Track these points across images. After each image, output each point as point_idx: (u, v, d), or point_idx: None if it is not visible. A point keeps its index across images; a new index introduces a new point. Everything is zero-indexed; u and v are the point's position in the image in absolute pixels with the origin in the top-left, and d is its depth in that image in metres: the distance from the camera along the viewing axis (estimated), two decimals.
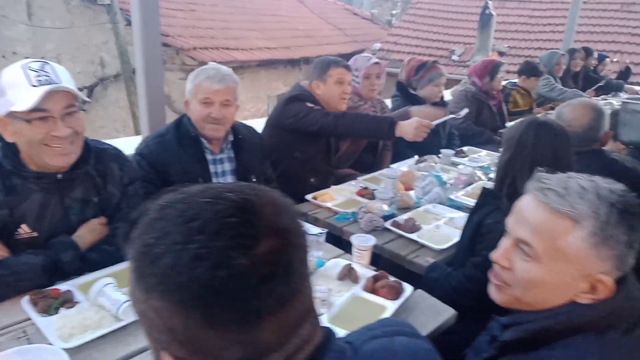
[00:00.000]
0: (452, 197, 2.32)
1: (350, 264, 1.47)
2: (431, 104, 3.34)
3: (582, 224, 0.83)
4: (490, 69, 3.73)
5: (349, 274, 1.44)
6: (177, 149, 1.87)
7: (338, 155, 2.94)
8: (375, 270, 1.57)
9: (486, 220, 1.55)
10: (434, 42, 10.98)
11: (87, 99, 1.29)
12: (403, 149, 3.23)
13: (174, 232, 0.51)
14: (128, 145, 2.10)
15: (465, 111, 2.86)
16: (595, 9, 10.86)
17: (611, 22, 10.45)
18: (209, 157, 1.98)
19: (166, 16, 7.54)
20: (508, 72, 8.47)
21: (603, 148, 1.94)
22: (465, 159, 3.01)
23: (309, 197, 2.29)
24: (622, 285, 0.86)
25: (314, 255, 1.49)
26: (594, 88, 5.17)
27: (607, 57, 6.02)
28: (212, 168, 1.98)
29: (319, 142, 2.61)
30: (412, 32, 11.44)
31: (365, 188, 2.36)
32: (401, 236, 1.94)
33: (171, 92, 7.78)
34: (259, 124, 2.78)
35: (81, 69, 8.07)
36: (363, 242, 1.54)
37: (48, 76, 1.21)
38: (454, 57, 10.26)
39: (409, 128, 2.32)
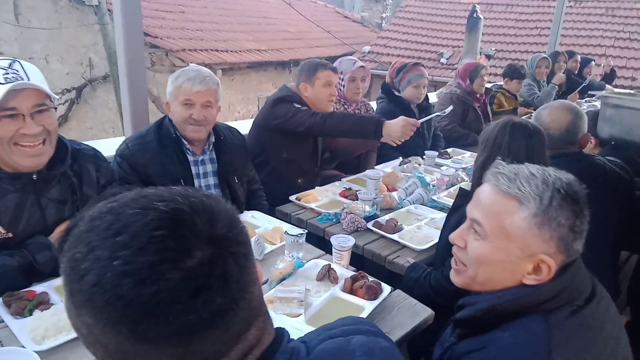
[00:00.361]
0: (435, 198, 2.35)
1: (329, 265, 1.48)
2: (416, 106, 3.38)
3: (526, 205, 0.89)
4: (470, 72, 3.75)
5: (327, 275, 1.45)
6: (158, 150, 1.86)
7: (334, 152, 2.95)
8: (355, 271, 1.58)
9: (463, 221, 1.57)
10: (423, 45, 11.08)
11: (56, 97, 1.27)
12: (388, 150, 3.25)
13: (99, 247, 0.49)
14: (114, 146, 2.10)
15: (449, 108, 2.88)
16: (580, 13, 11.04)
17: (596, 26, 10.62)
18: (190, 158, 1.97)
19: (155, 17, 7.52)
20: (495, 75, 8.57)
21: (582, 151, 1.97)
22: (449, 160, 3.04)
23: (292, 198, 2.30)
24: (568, 268, 0.91)
25: (293, 256, 1.50)
26: (577, 90, 5.23)
27: (593, 60, 6.09)
28: (194, 169, 1.98)
29: (306, 143, 2.63)
30: (402, 35, 11.53)
31: (349, 189, 2.38)
32: (383, 237, 1.96)
33: (160, 93, 7.74)
34: (248, 125, 2.80)
35: (70, 69, 8.01)
36: (342, 242, 1.55)
37: (16, 74, 1.20)
38: (442, 60, 10.35)
39: (396, 127, 2.33)
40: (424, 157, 3.00)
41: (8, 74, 1.19)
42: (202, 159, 2.02)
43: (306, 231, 1.69)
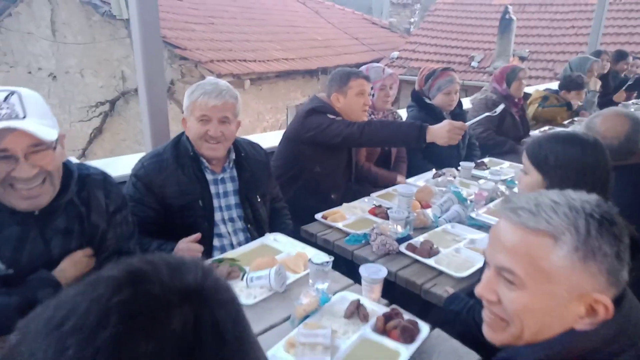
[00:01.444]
0: (473, 215, 2.15)
1: (358, 300, 1.33)
2: (448, 113, 3.19)
3: (561, 240, 0.76)
4: (507, 75, 3.54)
5: (357, 312, 1.29)
6: (175, 169, 1.76)
7: (360, 165, 2.82)
8: (387, 306, 1.42)
9: None
10: (453, 49, 10.77)
11: (52, 139, 1.13)
12: (419, 161, 3.08)
13: (40, 349, 0.38)
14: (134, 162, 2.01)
15: (501, 107, 2.62)
16: (621, 10, 10.47)
17: (639, 23, 10.03)
18: (209, 177, 1.87)
19: (185, 29, 7.59)
20: (530, 77, 8.21)
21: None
22: (487, 171, 2.83)
23: (318, 216, 2.16)
24: (621, 303, 0.77)
25: (318, 289, 1.35)
26: (624, 88, 4.86)
27: (638, 58, 5.69)
28: (213, 189, 1.87)
29: (340, 155, 2.51)
30: (430, 39, 11.26)
31: (379, 206, 2.22)
32: (417, 261, 1.79)
33: None
34: (275, 137, 2.69)
35: (103, 83, 8.18)
36: (373, 274, 1.39)
37: (9, 110, 1.08)
38: (474, 64, 10.02)
39: (442, 131, 2.17)
40: (459, 168, 2.80)
41: (2, 109, 1.07)
42: (222, 178, 1.91)
43: (332, 259, 1.54)
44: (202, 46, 7.06)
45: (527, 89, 4.09)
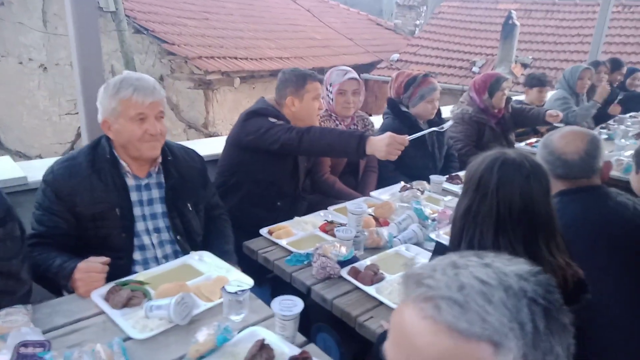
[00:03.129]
0: (433, 235, 1.97)
1: (263, 339, 1.15)
2: (425, 122, 3.00)
3: (504, 346, 0.52)
4: (490, 85, 3.28)
5: (259, 354, 1.12)
6: (89, 175, 1.59)
7: (324, 178, 2.62)
8: (304, 345, 1.25)
9: None
10: (454, 53, 10.56)
11: None
12: (390, 173, 2.89)
13: None
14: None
15: (449, 124, 2.50)
16: (629, 19, 10.21)
17: None
18: (131, 182, 1.69)
19: (176, 24, 7.44)
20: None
21: (603, 185, 1.56)
22: (459, 186, 2.64)
23: (263, 231, 1.99)
24: None
25: (220, 325, 1.18)
26: (616, 102, 4.61)
27: (639, 70, 5.44)
28: (135, 195, 1.70)
29: (284, 162, 2.30)
30: (433, 42, 11.05)
31: (331, 222, 2.04)
32: (359, 288, 1.61)
33: (179, 101, 7.66)
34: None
35: None
36: (286, 308, 1.21)
37: None
38: (475, 69, 9.80)
39: (380, 145, 1.98)
40: (431, 182, 2.62)
41: None
42: (148, 183, 1.74)
43: (249, 286, 1.37)
44: (192, 42, 6.91)
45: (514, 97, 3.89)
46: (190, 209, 1.81)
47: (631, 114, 4.64)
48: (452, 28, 11.42)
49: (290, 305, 1.22)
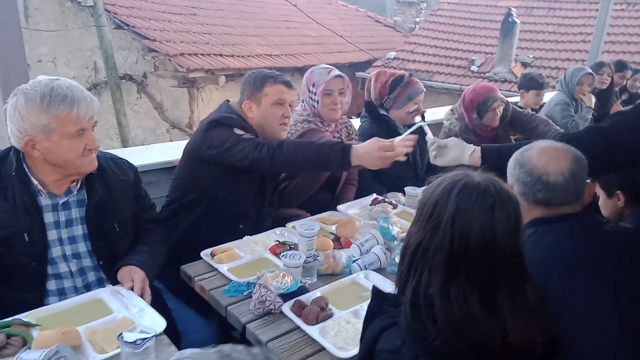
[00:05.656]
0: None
1: None
2: (407, 127, 2.74)
3: None
4: (477, 106, 2.93)
5: None
6: None
7: (288, 189, 2.36)
8: None
9: (379, 343, 0.96)
10: (453, 51, 10.27)
11: None
12: (367, 183, 2.62)
13: None
14: None
15: (428, 137, 2.12)
16: (633, 17, 9.90)
17: None
18: (46, 202, 1.45)
19: (159, 20, 7.19)
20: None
21: (589, 213, 1.29)
22: None
23: (206, 253, 1.73)
24: None
25: None
26: (619, 101, 4.32)
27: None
28: (50, 217, 1.46)
29: (250, 178, 2.01)
30: (431, 40, 10.77)
31: (283, 243, 1.78)
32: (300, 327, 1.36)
33: (163, 99, 7.41)
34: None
35: (76, 73, 7.82)
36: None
37: None
38: (473, 68, 9.53)
39: (368, 152, 1.74)
40: (406, 194, 2.36)
41: None
42: (66, 202, 1.49)
43: (155, 333, 1.12)
44: (175, 38, 6.66)
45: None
46: (118, 229, 1.57)
47: None
48: (450, 25, 11.13)
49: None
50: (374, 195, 2.31)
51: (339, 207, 2.22)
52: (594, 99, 3.88)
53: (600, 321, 1.11)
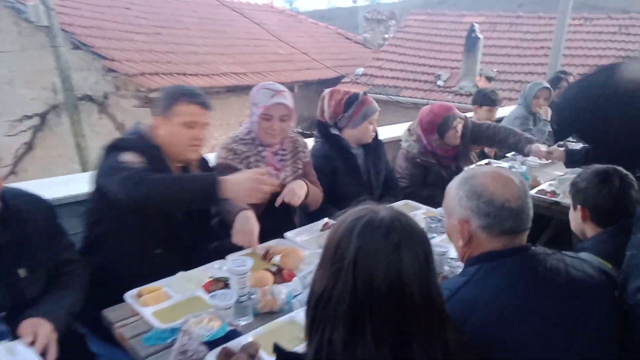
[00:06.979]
0: None
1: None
2: (360, 147, 2.67)
3: None
4: (437, 127, 2.92)
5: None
6: None
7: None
8: None
9: None
10: (419, 67, 10.41)
11: None
12: (324, 204, 2.51)
13: None
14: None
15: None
16: (591, 32, 10.26)
17: (608, 45, 9.82)
18: None
19: (120, 39, 7.02)
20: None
21: (529, 245, 1.19)
22: None
23: (130, 294, 1.57)
24: None
25: None
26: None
27: None
28: None
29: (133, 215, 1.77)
30: (398, 56, 10.89)
31: (218, 279, 1.64)
32: None
33: (125, 119, 7.19)
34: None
35: (35, 95, 7.54)
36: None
37: None
38: (439, 83, 9.64)
39: (238, 186, 1.59)
40: None
41: None
42: None
43: None
44: (136, 57, 6.49)
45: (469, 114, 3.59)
46: (24, 275, 1.41)
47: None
48: (417, 42, 11.30)
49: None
50: (325, 220, 2.20)
51: (287, 234, 2.10)
52: (550, 112, 3.91)
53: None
